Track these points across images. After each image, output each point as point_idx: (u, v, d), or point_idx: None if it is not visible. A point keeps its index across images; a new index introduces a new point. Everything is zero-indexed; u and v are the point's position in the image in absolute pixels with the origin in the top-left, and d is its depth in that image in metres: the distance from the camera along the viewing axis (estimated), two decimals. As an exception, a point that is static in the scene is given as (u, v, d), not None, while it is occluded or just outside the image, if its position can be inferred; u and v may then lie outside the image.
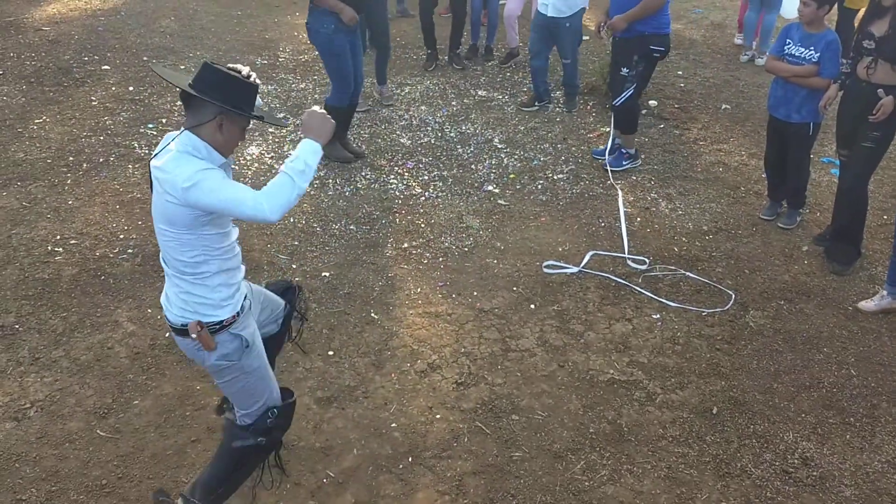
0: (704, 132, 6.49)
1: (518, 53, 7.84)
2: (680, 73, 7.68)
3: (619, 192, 5.48)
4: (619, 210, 5.21)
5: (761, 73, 7.40)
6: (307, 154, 2.58)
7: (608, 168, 5.79)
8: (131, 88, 6.76)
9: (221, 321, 2.66)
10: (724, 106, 6.97)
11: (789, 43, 4.79)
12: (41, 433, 3.43)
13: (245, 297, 2.80)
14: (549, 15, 6.31)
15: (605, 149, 5.93)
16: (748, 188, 5.64)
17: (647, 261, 4.78)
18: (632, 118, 5.77)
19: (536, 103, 6.83)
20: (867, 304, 4.41)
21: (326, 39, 5.35)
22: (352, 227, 5.06)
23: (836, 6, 5.93)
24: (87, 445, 3.39)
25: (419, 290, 4.48)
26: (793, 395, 3.81)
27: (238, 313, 2.71)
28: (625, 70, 5.48)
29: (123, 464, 3.30)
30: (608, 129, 6.44)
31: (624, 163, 5.87)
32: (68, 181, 5.36)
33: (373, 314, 4.27)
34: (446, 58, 7.76)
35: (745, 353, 4.08)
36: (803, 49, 4.72)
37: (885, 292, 4.38)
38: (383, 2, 6.54)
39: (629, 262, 4.76)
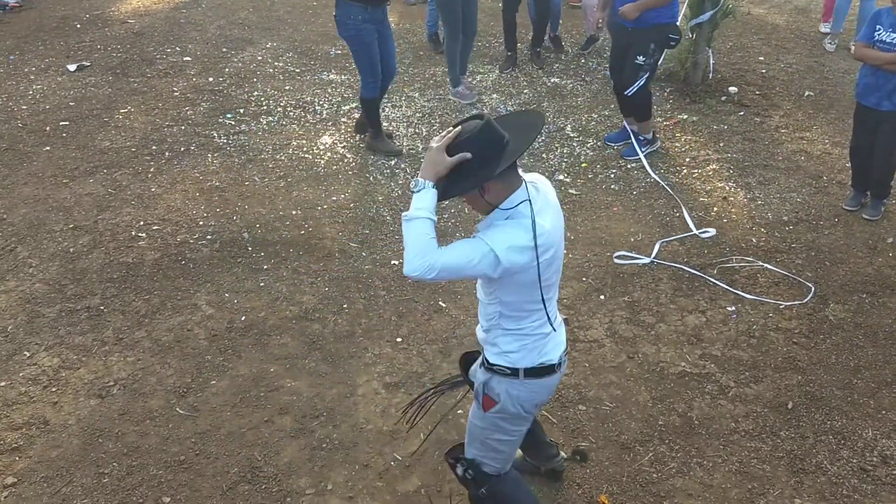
0: (786, 120, 6.27)
1: (598, 38, 7.69)
2: (762, 58, 7.42)
3: (652, 172, 5.51)
4: (668, 190, 5.11)
5: (847, 59, 7.11)
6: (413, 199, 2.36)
7: (625, 158, 5.76)
8: (210, 79, 6.96)
9: None
10: (807, 93, 6.71)
11: (879, 29, 4.60)
12: (123, 410, 3.60)
13: None
14: None
15: (620, 134, 5.97)
16: (831, 178, 5.43)
17: (713, 231, 4.77)
18: (646, 105, 5.70)
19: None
20: None
21: (355, 31, 5.39)
22: (422, 215, 5.09)
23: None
24: (166, 423, 3.53)
25: (488, 278, 4.48)
26: (873, 392, 3.67)
27: None
28: (641, 58, 5.39)
29: (201, 441, 3.43)
30: (684, 116, 6.31)
31: (642, 149, 5.75)
32: (151, 169, 5.57)
33: (441, 302, 4.30)
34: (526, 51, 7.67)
35: (824, 348, 3.95)
36: (895, 35, 4.51)
37: None
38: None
39: (697, 234, 4.75)
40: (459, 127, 2.36)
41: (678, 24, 5.48)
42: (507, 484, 2.78)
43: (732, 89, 6.72)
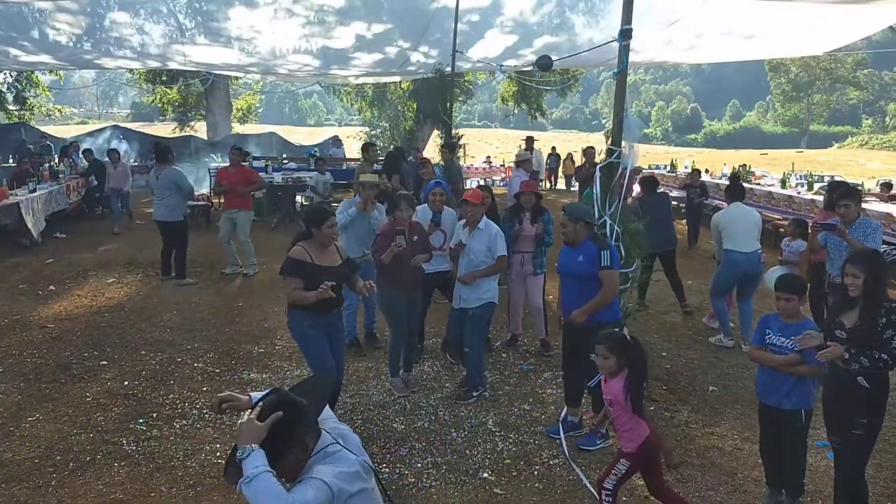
0: (695, 415, 6.51)
1: (518, 339, 8.16)
2: (664, 354, 7.89)
3: (575, 466, 5.54)
4: (590, 488, 5.07)
5: (743, 355, 7.61)
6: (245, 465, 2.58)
7: (581, 448, 5.87)
8: (126, 383, 6.87)
9: None
10: (711, 388, 7.07)
11: (769, 333, 4.86)
12: None
13: None
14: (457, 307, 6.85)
15: (560, 426, 6.13)
16: (745, 474, 5.52)
17: None
18: (576, 391, 6.07)
19: (474, 393, 6.82)
20: None
21: (301, 336, 5.72)
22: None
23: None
24: None
25: None
26: None
27: None
28: (593, 355, 5.69)
29: None
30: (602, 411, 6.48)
31: (597, 442, 5.92)
32: (53, 482, 5.24)
33: None
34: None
35: None
36: (784, 339, 4.76)
37: None
38: (416, 299, 6.97)
39: None
40: (261, 403, 2.71)
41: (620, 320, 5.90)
42: None
43: (641, 385, 7.02)
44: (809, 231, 8.07)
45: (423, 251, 6.79)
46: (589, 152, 14.37)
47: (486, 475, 5.47)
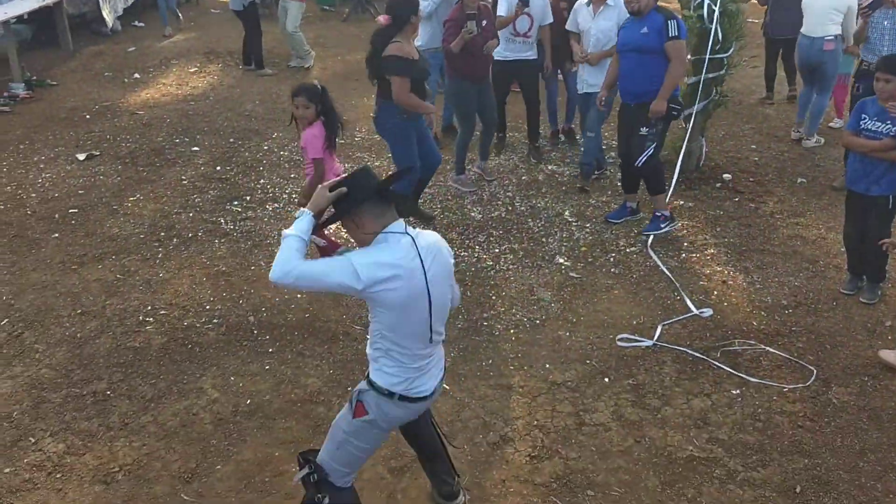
0: (781, 205, 6.42)
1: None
2: (754, 146, 7.66)
3: (653, 253, 5.64)
4: (666, 272, 5.19)
5: (837, 147, 7.32)
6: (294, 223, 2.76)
7: (645, 234, 5.92)
8: (218, 168, 7.14)
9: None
10: (799, 179, 6.90)
11: (865, 118, 4.78)
12: (128, 497, 3.56)
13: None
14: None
15: (620, 212, 6.22)
16: (827, 262, 5.53)
17: (710, 311, 4.92)
18: (658, 177, 5.92)
19: (596, 171, 6.97)
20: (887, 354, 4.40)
21: (395, 129, 5.61)
22: (426, 299, 5.15)
23: None
24: (171, 509, 3.49)
25: (490, 361, 4.51)
26: (880, 475, 3.66)
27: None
28: (644, 130, 5.66)
29: (205, 528, 3.39)
30: (680, 202, 6.46)
31: (662, 226, 5.92)
32: (159, 255, 5.66)
33: (444, 385, 4.30)
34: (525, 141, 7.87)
35: (829, 431, 3.95)
36: (880, 123, 4.70)
37: None
38: (488, 89, 6.68)
39: (697, 314, 4.89)
40: (344, 174, 2.86)
41: (678, 96, 5.74)
42: (341, 495, 2.97)
43: (727, 176, 6.91)
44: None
45: (492, 38, 6.42)
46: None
47: (561, 261, 5.62)
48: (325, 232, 5.05)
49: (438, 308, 2.85)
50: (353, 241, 2.88)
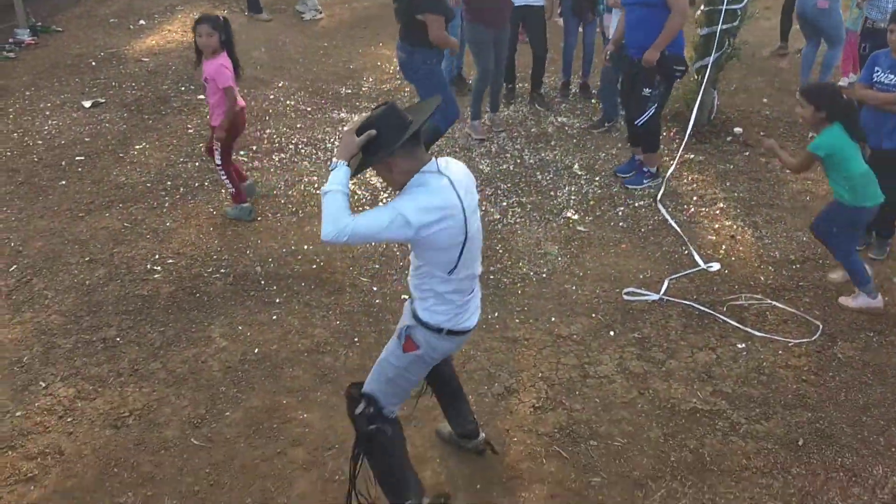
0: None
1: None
2: (765, 100, 7.56)
3: (661, 207, 5.63)
4: (675, 226, 5.17)
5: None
6: (330, 176, 2.68)
7: (627, 186, 5.96)
8: (224, 116, 7.07)
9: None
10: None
11: (878, 71, 4.72)
12: (138, 440, 3.62)
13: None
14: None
15: (629, 165, 6.20)
16: (837, 217, 5.49)
17: (718, 265, 4.92)
18: (654, 137, 5.92)
19: (606, 124, 6.93)
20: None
21: (429, 74, 5.59)
22: (432, 250, 5.15)
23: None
24: (181, 453, 3.55)
25: (496, 314, 4.52)
26: (883, 429, 3.69)
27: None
28: (647, 90, 5.61)
29: (215, 472, 3.45)
30: (691, 156, 6.40)
31: (644, 181, 5.97)
32: (166, 204, 5.65)
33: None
34: (531, 92, 7.78)
35: (833, 385, 3.97)
36: (893, 76, 4.64)
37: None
38: (505, 36, 6.65)
39: (704, 268, 4.90)
40: (369, 113, 2.72)
41: (683, 55, 5.67)
42: (393, 426, 3.06)
43: (738, 130, 6.84)
44: None
45: None
46: None
47: (569, 214, 5.60)
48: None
49: (476, 242, 2.89)
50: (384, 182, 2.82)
